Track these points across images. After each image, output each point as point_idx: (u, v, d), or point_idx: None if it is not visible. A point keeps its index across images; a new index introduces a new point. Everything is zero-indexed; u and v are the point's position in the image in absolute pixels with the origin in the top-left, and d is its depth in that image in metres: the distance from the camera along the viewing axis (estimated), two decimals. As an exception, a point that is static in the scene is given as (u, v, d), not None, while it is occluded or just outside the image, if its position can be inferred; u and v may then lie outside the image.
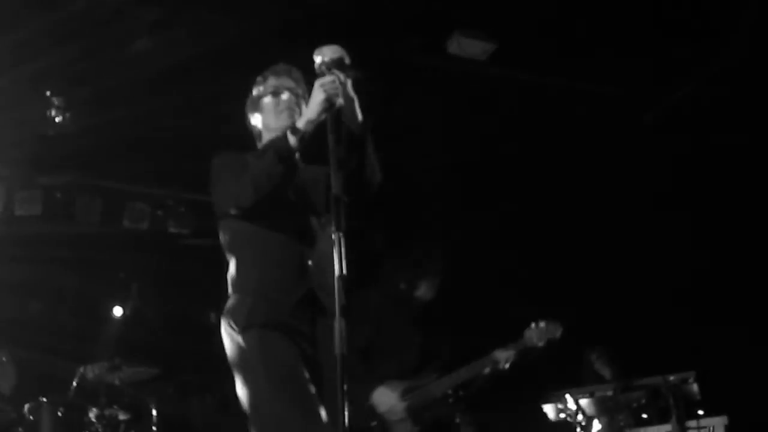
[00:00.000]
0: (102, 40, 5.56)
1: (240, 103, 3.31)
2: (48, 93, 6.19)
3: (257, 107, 3.22)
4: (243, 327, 2.82)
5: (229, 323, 2.87)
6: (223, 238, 3.09)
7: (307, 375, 2.77)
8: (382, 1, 5.38)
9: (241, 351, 2.81)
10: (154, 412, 5.69)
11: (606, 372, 6.27)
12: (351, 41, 2.82)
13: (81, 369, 5.71)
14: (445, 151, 6.99)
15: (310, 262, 2.93)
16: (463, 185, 7.32)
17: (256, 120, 3.24)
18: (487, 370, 4.33)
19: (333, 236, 2.39)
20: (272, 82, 3.19)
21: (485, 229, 7.48)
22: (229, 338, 2.87)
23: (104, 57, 5.72)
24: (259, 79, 3.25)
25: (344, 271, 2.34)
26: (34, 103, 6.19)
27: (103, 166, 6.98)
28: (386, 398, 4.21)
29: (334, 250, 2.37)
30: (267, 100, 3.17)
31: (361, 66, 2.79)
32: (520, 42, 5.91)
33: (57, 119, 6.21)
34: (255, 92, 3.25)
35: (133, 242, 7.34)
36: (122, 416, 5.60)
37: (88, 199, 7.07)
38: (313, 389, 2.75)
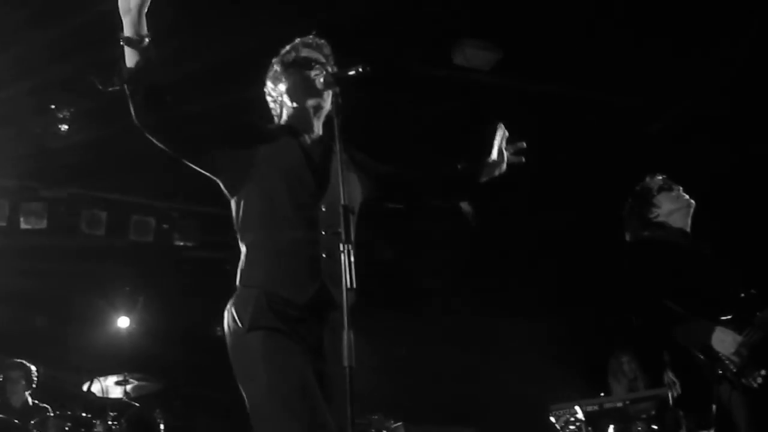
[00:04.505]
0: (105, 53, 5.56)
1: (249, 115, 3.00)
2: (53, 106, 6.20)
3: (283, 78, 2.96)
4: (248, 327, 2.58)
5: (233, 317, 2.64)
6: (234, 220, 2.82)
7: (312, 387, 2.54)
8: (387, 12, 5.38)
9: (243, 352, 2.60)
10: (161, 426, 5.67)
11: (632, 376, 6.07)
12: (356, 52, 2.77)
13: (88, 383, 5.70)
14: (450, 160, 6.97)
15: (324, 255, 2.63)
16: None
17: (277, 92, 2.99)
18: None
19: (341, 247, 2.31)
20: (305, 54, 2.94)
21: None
22: (233, 335, 2.64)
23: (108, 69, 5.71)
24: (287, 49, 2.99)
25: (353, 284, 2.27)
26: (39, 116, 6.20)
27: (108, 180, 6.98)
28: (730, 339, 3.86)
29: (343, 263, 2.29)
30: (296, 72, 2.92)
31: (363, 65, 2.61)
32: (526, 53, 5.91)
33: (62, 132, 6.22)
34: (282, 62, 2.97)
35: (139, 255, 7.33)
36: (129, 430, 5.59)
37: (93, 212, 7.08)
38: (318, 402, 2.52)
